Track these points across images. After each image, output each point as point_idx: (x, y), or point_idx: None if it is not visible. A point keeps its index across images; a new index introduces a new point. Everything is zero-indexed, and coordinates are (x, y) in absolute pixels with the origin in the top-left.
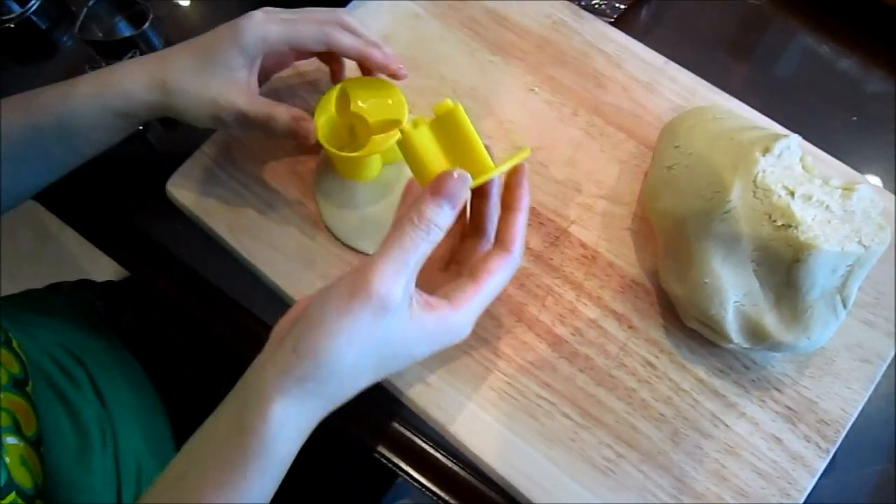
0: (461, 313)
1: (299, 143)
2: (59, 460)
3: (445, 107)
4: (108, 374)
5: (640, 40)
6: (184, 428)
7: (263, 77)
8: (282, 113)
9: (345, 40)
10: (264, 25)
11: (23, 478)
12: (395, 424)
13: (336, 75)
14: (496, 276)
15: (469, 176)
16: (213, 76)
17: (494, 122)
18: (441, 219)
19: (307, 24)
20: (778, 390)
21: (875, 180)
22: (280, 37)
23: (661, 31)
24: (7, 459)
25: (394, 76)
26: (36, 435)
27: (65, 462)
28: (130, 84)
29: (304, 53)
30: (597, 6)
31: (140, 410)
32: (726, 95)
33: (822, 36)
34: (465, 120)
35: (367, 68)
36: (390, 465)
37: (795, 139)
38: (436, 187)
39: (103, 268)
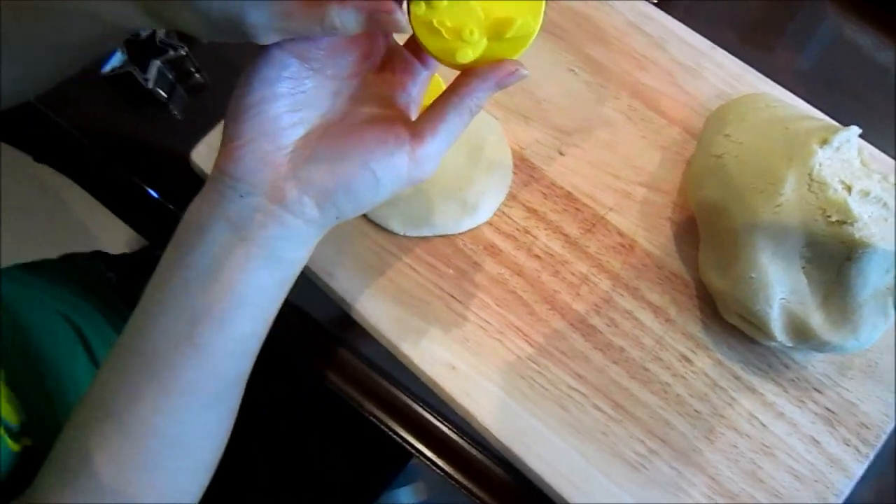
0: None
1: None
2: (49, 425)
3: None
4: (107, 344)
5: (684, 23)
6: None
7: None
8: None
9: None
10: None
11: (9, 415)
12: (413, 404)
13: None
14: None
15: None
16: None
17: (531, 101)
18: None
19: None
20: (818, 391)
21: None
22: None
23: (704, 15)
24: None
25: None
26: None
27: (53, 427)
28: None
29: None
30: None
31: None
32: (774, 84)
33: (869, 27)
34: None
35: None
36: (407, 445)
37: (855, 131)
38: (502, 78)
39: (116, 235)
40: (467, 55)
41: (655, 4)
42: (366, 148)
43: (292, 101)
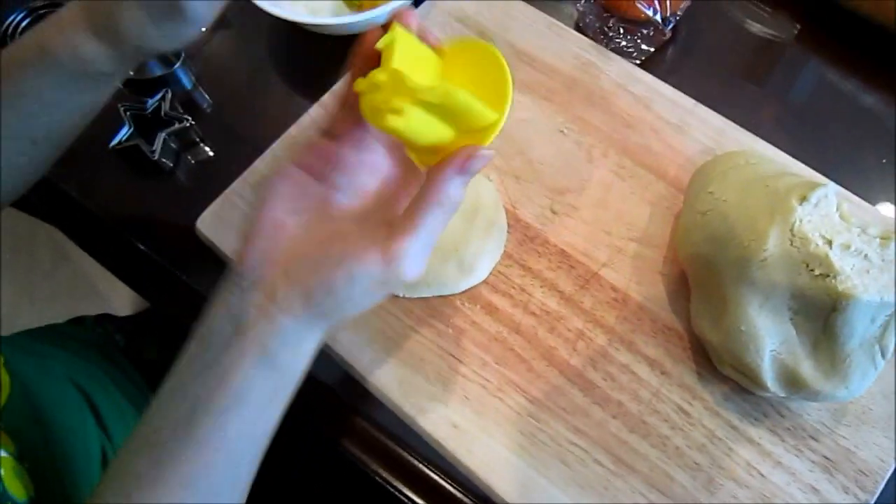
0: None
1: None
2: (55, 491)
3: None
4: (118, 411)
5: (667, 80)
6: None
7: None
8: None
9: None
10: None
11: (17, 490)
12: (418, 463)
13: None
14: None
15: (491, 152)
16: None
17: (524, 161)
18: (460, 193)
19: None
20: (814, 439)
21: None
22: None
23: (688, 71)
24: (2, 472)
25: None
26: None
27: (59, 494)
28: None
29: None
30: (623, 48)
31: None
32: (756, 138)
33: (849, 74)
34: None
35: None
36: (410, 502)
37: (832, 188)
38: (462, 164)
39: (121, 292)
40: (398, 123)
41: (639, 65)
42: (343, 247)
43: (296, 206)
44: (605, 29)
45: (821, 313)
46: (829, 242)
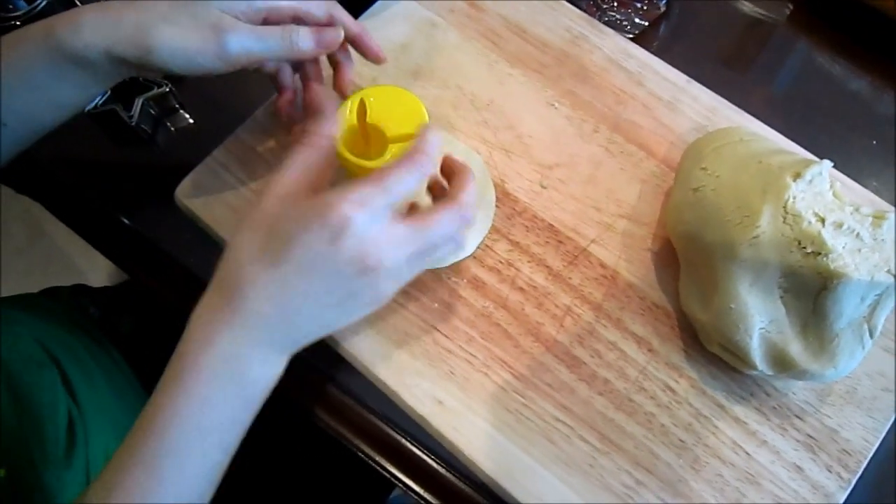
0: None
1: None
2: (20, 454)
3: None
4: (87, 376)
5: (660, 57)
6: None
7: None
8: (305, 39)
9: (345, 17)
10: None
11: None
12: (399, 437)
13: (339, 81)
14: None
15: None
16: (208, 8)
17: (513, 135)
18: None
19: None
20: (799, 418)
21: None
22: None
23: (680, 49)
24: None
25: (375, 60)
26: None
27: (24, 456)
28: (84, 19)
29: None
30: (617, 22)
31: (119, 415)
32: (748, 116)
33: (840, 56)
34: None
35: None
36: (395, 479)
37: (826, 165)
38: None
39: (97, 267)
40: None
41: (632, 39)
42: None
43: None
44: (599, 2)
45: (811, 292)
46: (822, 220)
